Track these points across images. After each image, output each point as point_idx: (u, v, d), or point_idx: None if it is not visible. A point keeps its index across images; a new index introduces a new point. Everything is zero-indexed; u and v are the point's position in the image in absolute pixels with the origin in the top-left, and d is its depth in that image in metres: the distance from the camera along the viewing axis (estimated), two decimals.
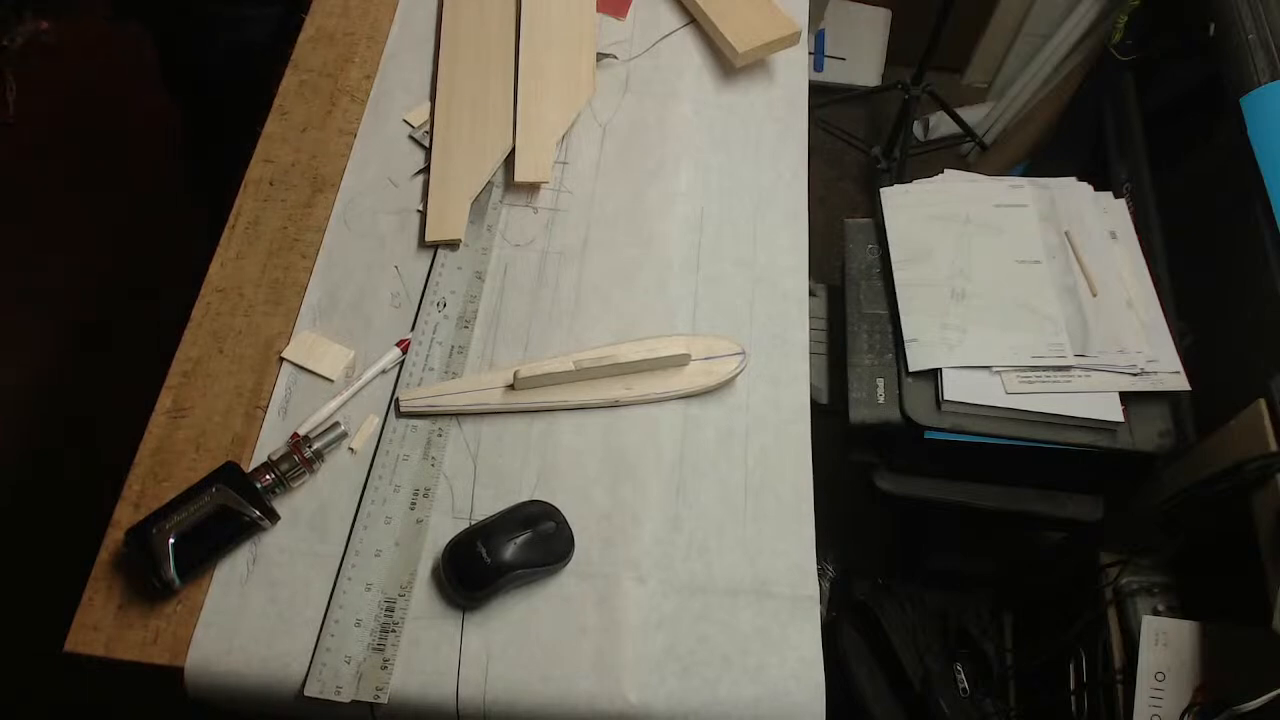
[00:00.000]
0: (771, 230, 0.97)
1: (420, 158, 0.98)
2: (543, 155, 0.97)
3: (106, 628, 0.73)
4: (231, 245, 0.92)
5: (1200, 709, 0.93)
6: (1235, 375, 1.04)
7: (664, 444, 0.83)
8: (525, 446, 0.83)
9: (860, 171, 2.19)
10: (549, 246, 0.94)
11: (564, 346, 0.88)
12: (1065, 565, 1.24)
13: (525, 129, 0.98)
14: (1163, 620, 0.99)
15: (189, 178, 1.62)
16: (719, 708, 0.73)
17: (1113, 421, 1.02)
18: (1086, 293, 1.09)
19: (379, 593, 0.75)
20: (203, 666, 0.72)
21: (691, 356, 0.86)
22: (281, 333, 0.87)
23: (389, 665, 0.72)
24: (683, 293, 0.92)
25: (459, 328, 0.88)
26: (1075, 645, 1.15)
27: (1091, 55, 1.88)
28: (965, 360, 1.05)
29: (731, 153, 1.02)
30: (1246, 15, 1.16)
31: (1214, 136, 1.22)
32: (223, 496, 0.75)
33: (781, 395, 0.88)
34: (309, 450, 0.78)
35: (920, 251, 1.14)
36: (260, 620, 0.74)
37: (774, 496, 0.83)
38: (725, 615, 0.77)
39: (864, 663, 1.24)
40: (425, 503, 0.79)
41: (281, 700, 0.72)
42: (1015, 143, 2.06)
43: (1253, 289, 1.05)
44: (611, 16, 1.09)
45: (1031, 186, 1.18)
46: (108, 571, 0.75)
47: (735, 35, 1.04)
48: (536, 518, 0.77)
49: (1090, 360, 1.04)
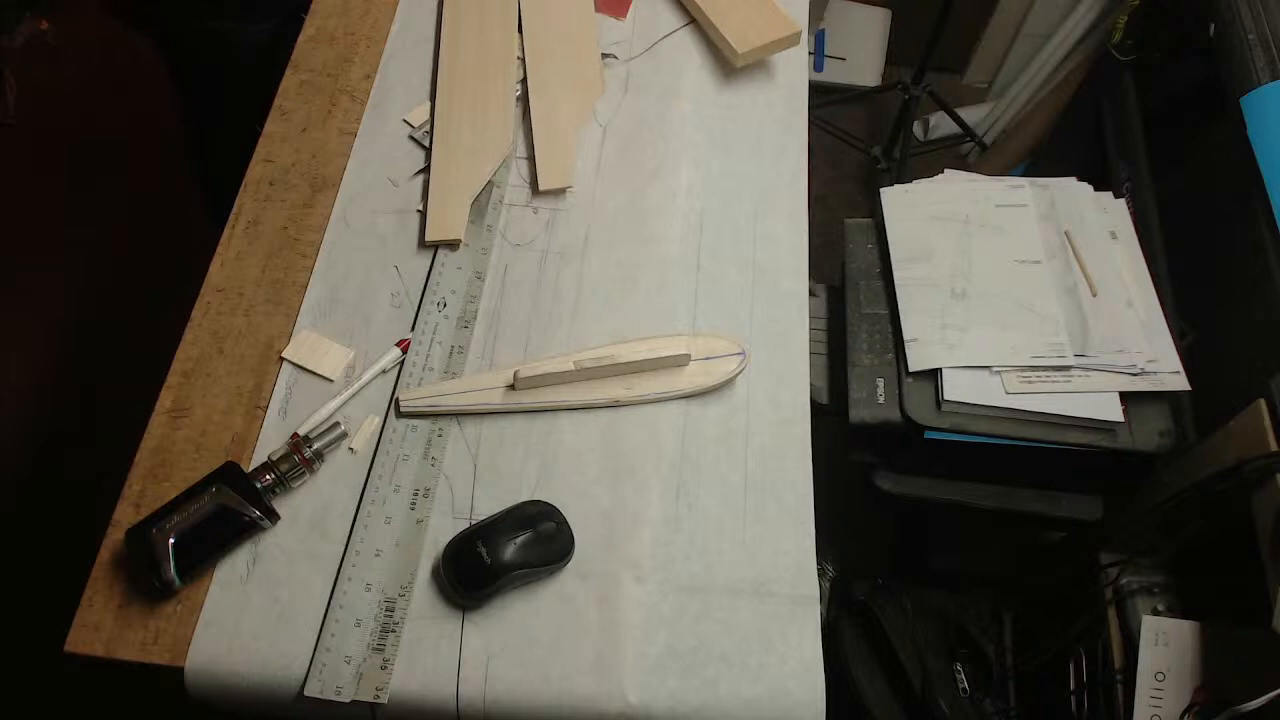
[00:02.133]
0: (771, 230, 0.97)
1: (420, 158, 0.98)
2: (563, 160, 0.97)
3: (107, 628, 0.73)
4: (231, 245, 0.92)
5: (1200, 709, 0.93)
6: (1235, 375, 1.04)
7: (664, 444, 0.83)
8: (525, 446, 0.83)
9: (860, 171, 2.19)
10: (549, 246, 0.94)
11: (564, 346, 0.88)
12: (1065, 565, 1.24)
13: (541, 136, 0.98)
14: (1163, 620, 0.99)
15: (193, 177, 1.62)
16: (719, 707, 0.73)
17: (1112, 421, 1.02)
18: (1086, 293, 1.09)
19: (379, 593, 0.75)
20: (203, 667, 0.72)
21: (691, 356, 0.86)
22: (282, 332, 0.87)
23: (389, 665, 0.72)
24: (683, 292, 0.92)
25: (459, 328, 0.88)
26: (1075, 645, 1.15)
27: (1091, 55, 1.88)
28: (965, 360, 1.05)
29: (731, 152, 1.02)
30: (1246, 15, 1.16)
31: (1214, 137, 1.22)
32: (223, 496, 0.75)
33: (781, 395, 0.88)
34: (309, 450, 0.78)
35: (920, 251, 1.14)
36: (260, 620, 0.74)
37: (774, 496, 0.83)
38: (725, 615, 0.77)
39: (864, 663, 1.24)
40: (425, 503, 0.79)
41: (281, 700, 0.72)
42: (1015, 143, 2.06)
43: (1253, 289, 1.05)
44: (611, 17, 1.09)
45: (1031, 186, 1.18)
46: (108, 572, 0.75)
47: (735, 36, 1.04)
48: (536, 518, 0.77)
49: (1090, 360, 1.04)
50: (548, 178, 0.96)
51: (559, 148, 0.98)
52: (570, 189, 0.97)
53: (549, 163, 0.97)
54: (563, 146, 0.98)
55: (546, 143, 0.98)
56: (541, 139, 0.98)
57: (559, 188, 0.96)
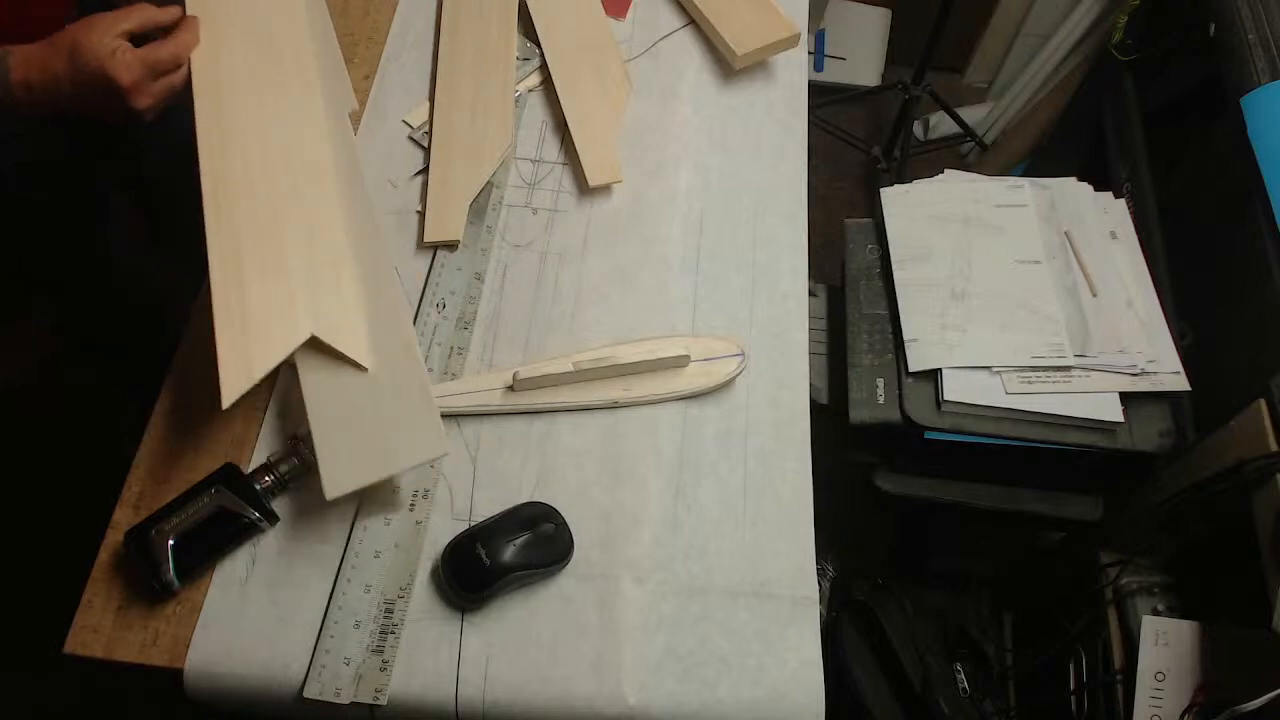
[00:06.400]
0: (771, 230, 0.97)
1: (419, 158, 0.98)
2: (608, 155, 0.98)
3: (106, 629, 0.73)
4: None
5: (1200, 709, 0.92)
6: (1235, 375, 1.04)
7: (663, 445, 0.83)
8: (524, 448, 0.83)
9: (860, 171, 2.19)
10: (548, 247, 0.94)
11: (563, 347, 0.88)
12: (1065, 565, 1.24)
13: (582, 136, 0.99)
14: (1163, 620, 0.99)
15: None
16: (718, 709, 0.73)
17: (1112, 421, 1.02)
18: (1086, 293, 1.09)
19: (378, 594, 0.75)
20: (202, 668, 0.72)
21: (691, 357, 0.86)
22: None
23: (388, 667, 0.72)
24: (682, 293, 0.92)
25: (458, 329, 0.88)
26: (1075, 645, 1.15)
27: (1091, 55, 1.88)
28: (965, 360, 1.05)
29: (731, 153, 1.02)
30: (1246, 15, 1.16)
31: (1214, 137, 1.22)
32: (222, 498, 0.75)
33: (781, 395, 0.88)
34: (308, 451, 0.78)
35: (920, 251, 1.14)
36: (259, 622, 0.74)
37: (774, 497, 0.83)
38: (725, 616, 0.77)
39: (864, 663, 1.24)
40: (424, 504, 0.79)
41: (281, 702, 0.72)
42: (1015, 143, 2.06)
43: (1253, 289, 1.05)
44: (612, 17, 1.09)
45: (1031, 186, 1.18)
46: (107, 573, 0.75)
47: (734, 38, 1.04)
48: (536, 519, 0.77)
49: (1090, 360, 1.04)
50: (595, 174, 0.96)
51: (601, 144, 0.98)
52: (569, 191, 0.97)
53: (594, 159, 0.97)
54: (605, 143, 0.99)
55: (588, 141, 0.99)
56: (582, 138, 0.99)
57: (608, 182, 0.96)
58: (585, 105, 1.01)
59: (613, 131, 1.00)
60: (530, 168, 0.99)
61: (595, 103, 1.01)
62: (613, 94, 1.02)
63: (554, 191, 0.97)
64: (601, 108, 1.01)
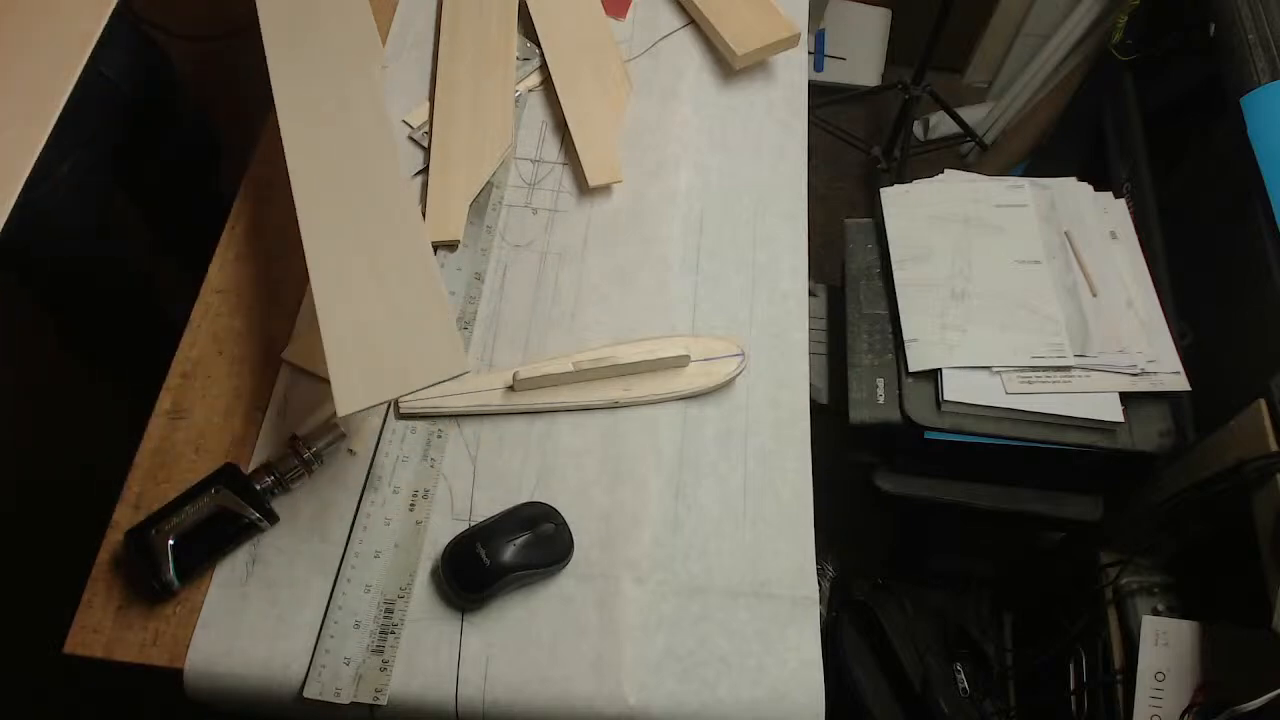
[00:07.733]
0: (771, 230, 0.97)
1: (419, 158, 0.98)
2: (608, 155, 0.98)
3: (106, 629, 0.73)
4: (231, 246, 0.91)
5: (1200, 709, 0.92)
6: (1235, 375, 1.04)
7: (663, 445, 0.83)
8: (525, 448, 0.83)
9: (860, 171, 2.19)
10: (548, 247, 0.94)
11: (563, 347, 0.88)
12: (1065, 565, 1.24)
13: (582, 136, 0.99)
14: (1163, 620, 0.99)
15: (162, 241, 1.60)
16: (718, 709, 0.73)
17: (1112, 421, 1.02)
18: (1086, 293, 1.09)
19: (378, 594, 0.75)
20: (202, 668, 0.72)
21: (691, 357, 0.86)
22: (281, 334, 0.87)
23: (388, 667, 0.72)
24: (682, 293, 0.92)
25: (458, 329, 0.88)
26: (1075, 645, 1.15)
27: (1091, 55, 1.88)
28: (965, 360, 1.05)
29: (731, 153, 1.02)
30: (1246, 15, 1.16)
31: (1214, 137, 1.22)
32: (222, 498, 0.75)
33: (781, 395, 0.88)
34: (308, 452, 0.78)
35: (920, 251, 1.14)
36: (259, 622, 0.74)
37: (774, 497, 0.83)
38: (725, 616, 0.77)
39: (864, 663, 1.24)
40: (424, 504, 0.79)
41: (281, 702, 0.72)
42: (1015, 143, 2.06)
43: (1253, 289, 1.05)
44: (612, 17, 1.09)
45: (1031, 186, 1.18)
46: (107, 573, 0.75)
47: (734, 38, 1.04)
48: (536, 519, 0.77)
49: (1090, 360, 1.04)
50: (595, 174, 0.96)
51: (601, 144, 0.98)
52: (568, 192, 0.97)
53: (594, 159, 0.97)
54: (605, 143, 0.99)
55: (588, 141, 0.98)
56: (582, 138, 0.99)
57: (608, 182, 0.96)
58: (585, 105, 1.01)
59: (613, 131, 1.00)
60: (530, 168, 0.99)
61: (595, 103, 1.01)
62: (613, 94, 1.02)
63: (554, 191, 0.97)
64: (601, 108, 1.01)
